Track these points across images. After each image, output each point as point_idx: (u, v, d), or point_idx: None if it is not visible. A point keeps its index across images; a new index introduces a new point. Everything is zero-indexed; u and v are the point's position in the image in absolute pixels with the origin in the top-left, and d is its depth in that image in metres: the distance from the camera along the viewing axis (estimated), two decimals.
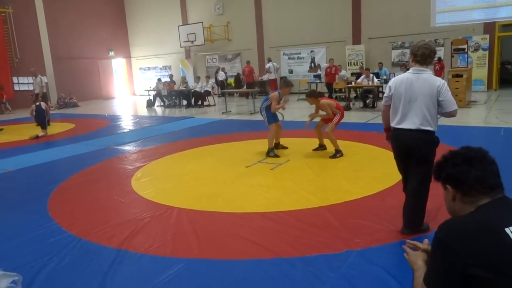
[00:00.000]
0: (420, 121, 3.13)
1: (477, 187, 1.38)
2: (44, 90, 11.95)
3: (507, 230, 1.22)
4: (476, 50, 13.73)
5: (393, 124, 3.32)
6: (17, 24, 17.95)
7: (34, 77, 11.95)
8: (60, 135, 10.16)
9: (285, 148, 6.74)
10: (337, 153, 6.04)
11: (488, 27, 13.65)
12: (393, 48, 15.41)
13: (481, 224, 1.27)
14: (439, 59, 12.79)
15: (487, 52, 13.64)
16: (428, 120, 3.13)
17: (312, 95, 6.39)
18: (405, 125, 3.20)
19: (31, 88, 12.38)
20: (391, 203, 4.04)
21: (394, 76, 11.00)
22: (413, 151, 3.20)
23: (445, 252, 1.27)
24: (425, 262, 1.51)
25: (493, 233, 1.23)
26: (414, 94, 3.14)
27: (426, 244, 1.55)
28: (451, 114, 3.17)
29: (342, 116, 6.24)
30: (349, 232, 3.40)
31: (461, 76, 10.63)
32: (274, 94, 6.48)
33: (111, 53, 22.43)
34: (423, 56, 3.15)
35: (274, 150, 6.38)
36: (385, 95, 3.46)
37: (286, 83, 6.69)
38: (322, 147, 6.49)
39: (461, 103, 10.33)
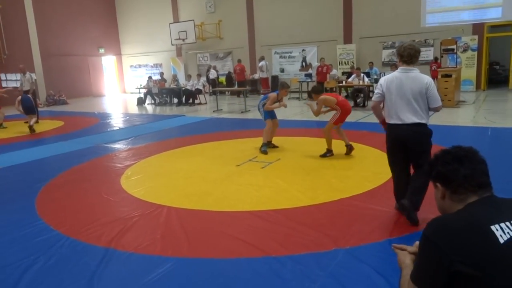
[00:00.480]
0: (413, 116, 3.38)
1: (465, 185, 1.40)
2: (34, 87, 11.79)
3: (493, 228, 1.24)
4: (465, 50, 13.88)
5: (389, 120, 3.53)
6: (5, 19, 17.70)
7: (22, 74, 11.77)
8: (49, 133, 10.05)
9: (276, 147, 6.75)
10: (328, 153, 6.02)
11: (477, 28, 13.80)
12: (383, 48, 15.50)
13: (468, 222, 1.29)
14: (436, 59, 12.91)
15: (476, 53, 13.80)
16: (420, 114, 3.39)
17: (313, 92, 6.24)
18: (400, 121, 3.42)
19: (19, 85, 12.16)
20: (380, 202, 4.07)
21: (384, 76, 11.15)
22: (411, 144, 3.43)
23: (432, 249, 1.29)
24: (413, 261, 1.52)
25: (480, 231, 1.25)
26: (405, 91, 3.38)
27: (415, 246, 1.57)
28: (436, 109, 3.51)
29: (343, 113, 5.91)
30: (338, 231, 3.42)
31: (450, 76, 10.74)
32: (272, 94, 6.63)
33: (101, 50, 22.23)
34: (410, 56, 3.39)
35: (266, 146, 6.48)
36: (376, 91, 3.66)
37: (283, 85, 6.66)
38: (347, 147, 6.05)
39: (450, 103, 10.45)
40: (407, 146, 3.44)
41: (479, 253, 1.21)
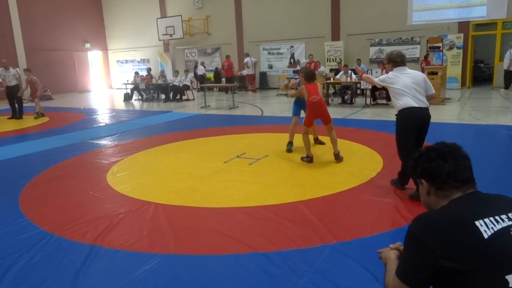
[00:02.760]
0: (424, 101, 3.98)
1: (449, 181, 1.41)
2: (17, 82, 11.54)
3: (477, 223, 1.26)
4: (450, 48, 14.05)
5: (406, 106, 3.94)
6: None
7: (4, 69, 11.53)
8: (34, 129, 9.88)
9: (322, 143, 6.38)
10: (305, 157, 5.51)
11: (463, 26, 13.99)
12: (371, 45, 15.61)
13: (453, 218, 1.31)
14: (425, 56, 13.06)
15: (461, 51, 13.99)
16: (426, 101, 4.01)
17: (305, 75, 5.59)
18: (418, 104, 3.93)
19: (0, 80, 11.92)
20: (367, 198, 4.11)
21: (371, 73, 11.23)
22: (426, 124, 4.01)
23: (418, 245, 1.30)
24: (397, 256, 1.54)
25: (464, 227, 1.26)
26: (411, 83, 3.98)
27: (398, 244, 1.59)
28: (432, 96, 4.14)
29: (308, 113, 5.47)
30: (325, 227, 3.44)
31: (436, 73, 10.86)
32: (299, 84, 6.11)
33: (87, 45, 21.91)
34: (402, 61, 4.10)
35: (290, 145, 6.15)
36: (381, 78, 4.24)
37: (300, 70, 5.96)
38: (335, 156, 5.54)
39: (435, 100, 10.56)
40: (423, 126, 3.96)
41: (464, 248, 1.23)
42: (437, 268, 1.25)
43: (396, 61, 4.07)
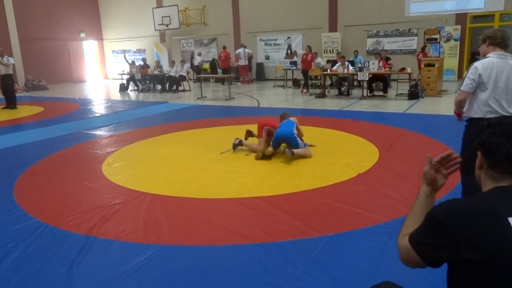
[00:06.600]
0: (510, 109, 3.02)
1: (503, 164, 1.29)
2: (10, 72, 11.40)
3: (510, 220, 1.18)
4: (448, 40, 14.01)
5: (483, 115, 3.00)
6: None
7: (1, 57, 11.39)
8: (28, 119, 9.81)
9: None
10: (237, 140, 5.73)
11: (460, 18, 13.94)
12: (368, 37, 15.54)
13: (483, 211, 1.23)
14: (423, 48, 13.02)
15: (458, 43, 13.96)
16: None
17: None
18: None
19: None
20: (363, 189, 4.11)
21: (368, 65, 11.16)
22: None
23: (438, 230, 1.24)
24: (429, 180, 1.46)
25: (494, 221, 1.19)
26: (507, 80, 2.98)
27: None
28: None
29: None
30: (321, 218, 3.44)
31: (433, 65, 10.84)
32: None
33: (82, 35, 21.66)
34: (503, 38, 3.00)
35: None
36: (471, 78, 3.07)
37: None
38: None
39: (432, 92, 10.59)
40: None
41: (489, 243, 1.17)
42: (456, 258, 1.20)
43: (495, 37, 3.00)
